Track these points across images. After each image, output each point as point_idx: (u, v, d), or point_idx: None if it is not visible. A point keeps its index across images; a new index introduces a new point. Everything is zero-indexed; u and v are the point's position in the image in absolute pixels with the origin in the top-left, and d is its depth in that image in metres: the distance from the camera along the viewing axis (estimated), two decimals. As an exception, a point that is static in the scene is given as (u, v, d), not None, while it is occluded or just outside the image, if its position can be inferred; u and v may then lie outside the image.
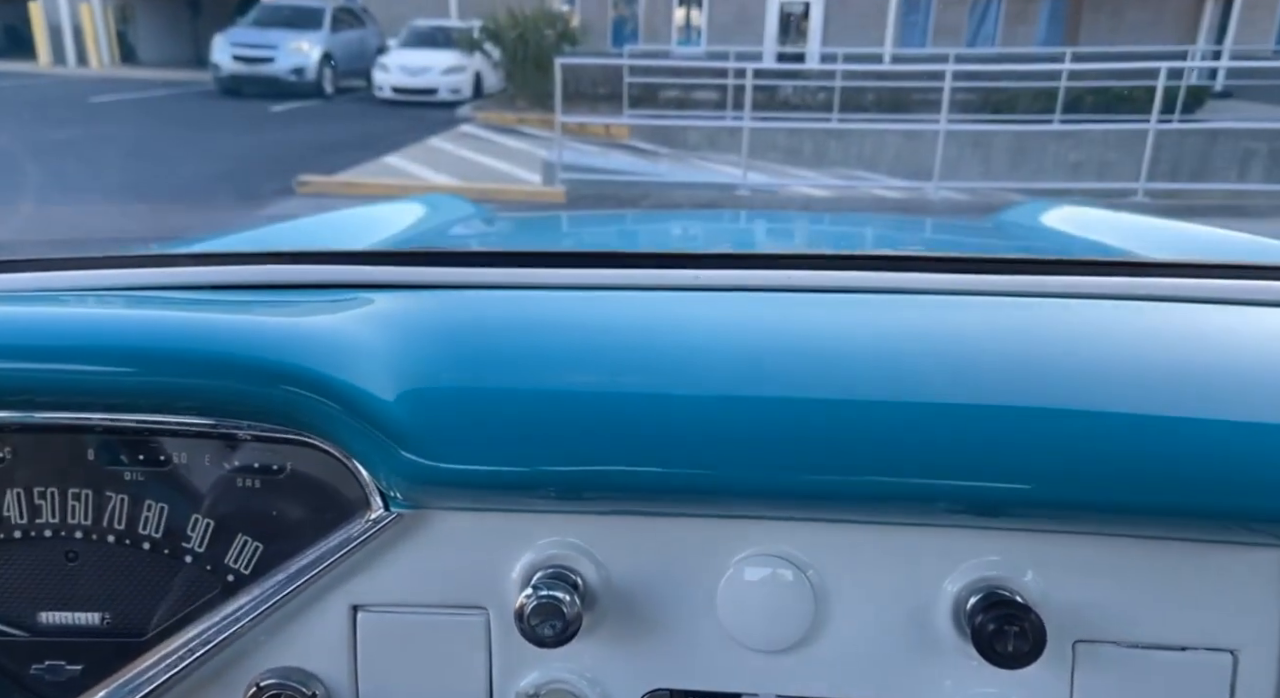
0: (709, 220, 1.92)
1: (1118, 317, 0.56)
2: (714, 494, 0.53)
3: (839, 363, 0.54)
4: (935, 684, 0.53)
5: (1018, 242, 1.44)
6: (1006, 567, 0.51)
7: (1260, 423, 0.46)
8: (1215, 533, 0.48)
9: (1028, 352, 0.53)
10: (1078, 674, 0.51)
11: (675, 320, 0.62)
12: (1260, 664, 0.49)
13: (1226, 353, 0.51)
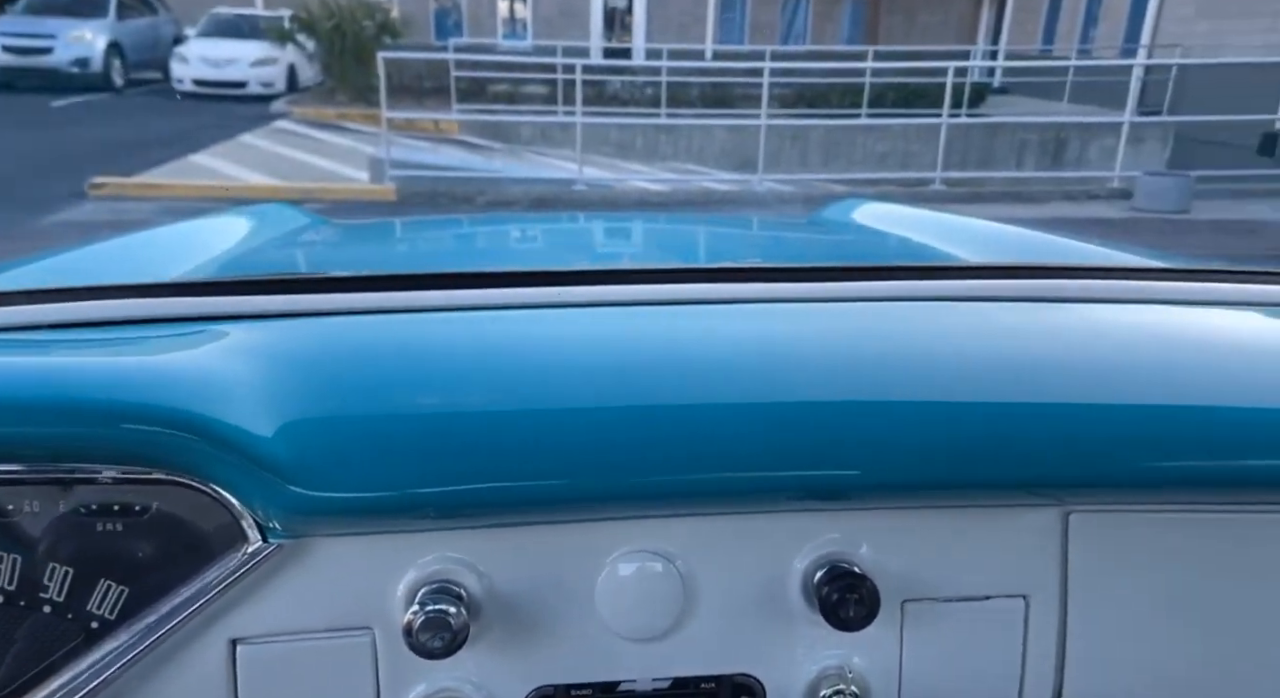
0: (552, 223, 1.96)
1: (928, 317, 0.65)
2: (584, 502, 0.57)
3: (690, 371, 0.59)
4: (790, 652, 0.60)
5: (839, 239, 1.57)
6: (845, 542, 0.59)
7: (1038, 403, 0.55)
8: (1008, 499, 0.57)
9: (852, 352, 0.60)
10: (906, 629, 0.59)
11: (536, 337, 0.65)
12: (1047, 605, 0.59)
13: (1013, 346, 0.61)
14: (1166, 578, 0.59)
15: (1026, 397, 0.55)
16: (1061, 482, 0.55)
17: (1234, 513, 0.58)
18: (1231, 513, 0.58)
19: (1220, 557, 0.59)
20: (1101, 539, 0.58)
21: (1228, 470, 0.54)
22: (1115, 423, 0.54)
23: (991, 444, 0.54)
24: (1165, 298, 0.66)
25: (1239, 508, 0.58)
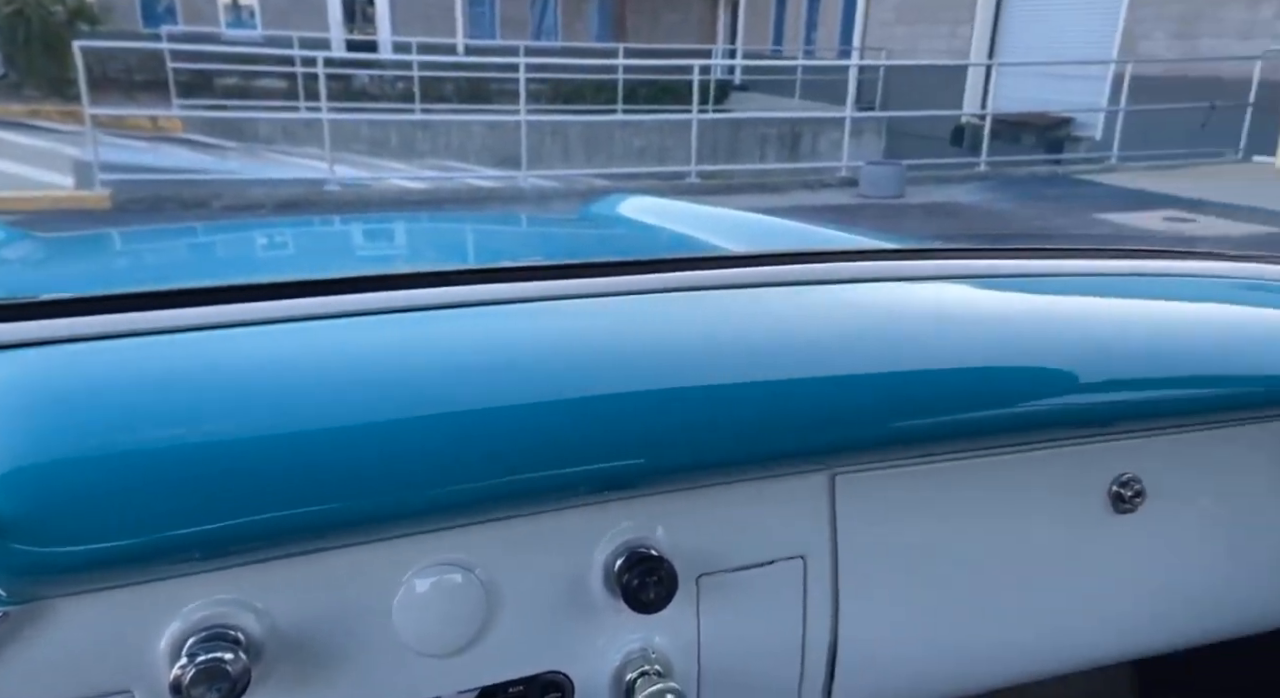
0: (304, 227, 1.82)
1: (699, 305, 0.68)
2: (368, 522, 0.54)
3: (468, 376, 0.57)
4: (595, 642, 0.61)
5: (609, 234, 1.60)
6: (641, 528, 0.60)
7: (802, 379, 0.60)
8: (781, 469, 0.62)
9: (630, 344, 0.62)
10: (701, 603, 0.62)
11: (299, 352, 0.60)
12: (822, 563, 0.65)
13: (777, 328, 0.65)
14: (923, 526, 0.67)
15: (792, 374, 0.59)
16: (826, 448, 0.60)
17: (973, 459, 0.66)
18: (971, 459, 0.66)
19: (967, 501, 0.67)
20: (864, 497, 0.65)
21: (964, 423, 0.61)
22: (868, 391, 0.59)
23: (765, 421, 0.58)
24: (899, 275, 0.74)
25: (976, 454, 0.66)
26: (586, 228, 1.69)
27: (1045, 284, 0.75)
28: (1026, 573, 0.69)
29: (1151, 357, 0.64)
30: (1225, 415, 0.67)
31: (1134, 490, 0.68)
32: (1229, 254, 0.85)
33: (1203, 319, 0.69)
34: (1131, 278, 0.77)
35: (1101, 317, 0.68)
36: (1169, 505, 0.70)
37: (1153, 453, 0.69)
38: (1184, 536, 0.72)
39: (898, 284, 0.73)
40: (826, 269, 0.74)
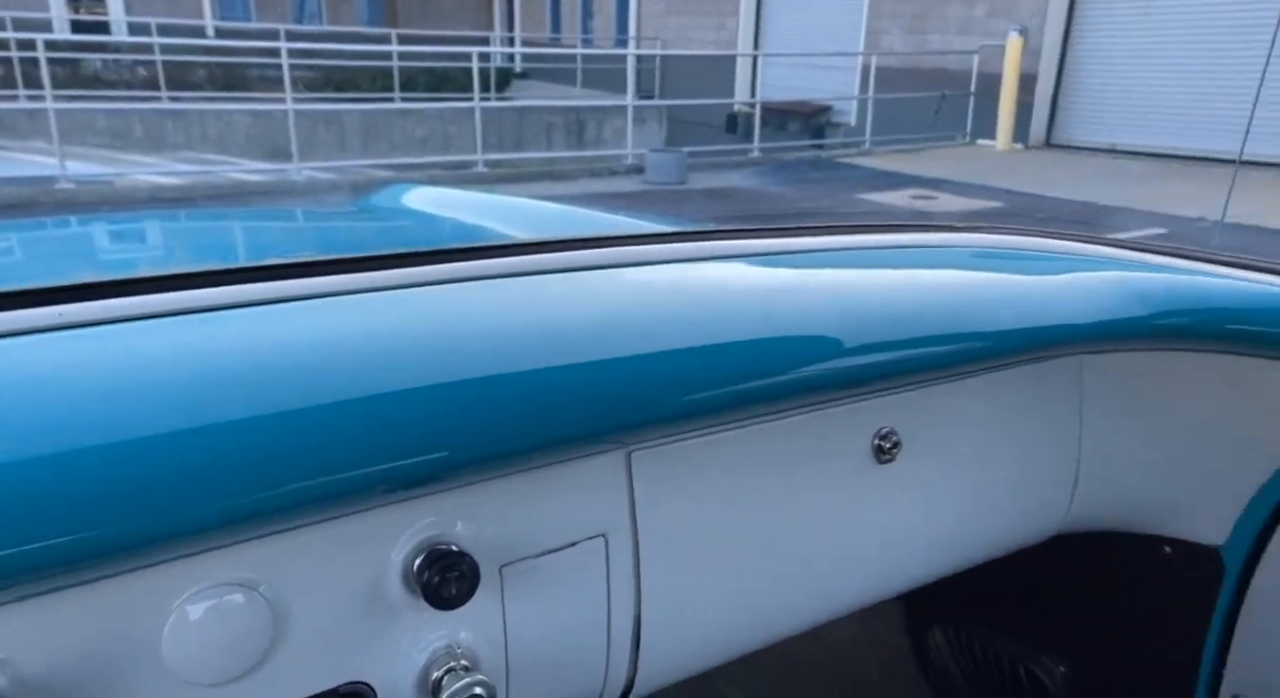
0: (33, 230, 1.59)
1: (489, 294, 0.67)
2: (119, 550, 0.48)
3: (238, 383, 0.53)
4: (395, 647, 0.59)
5: (391, 226, 1.54)
6: (440, 524, 0.59)
7: (593, 362, 0.61)
8: (576, 452, 0.63)
9: (420, 337, 0.60)
10: (506, 593, 0.62)
11: (36, 365, 0.53)
12: (623, 539, 0.67)
13: (566, 312, 0.65)
14: (714, 492, 0.71)
15: (580, 358, 0.60)
16: (618, 427, 0.61)
17: (754, 425, 0.71)
18: (753, 426, 0.71)
19: (752, 466, 0.72)
20: (658, 471, 0.67)
21: (744, 393, 0.65)
22: (655, 369, 0.62)
23: (556, 405, 0.58)
24: (680, 257, 0.77)
25: (756, 421, 0.71)
26: (367, 220, 1.62)
27: (810, 259, 0.81)
28: (807, 526, 0.75)
29: (901, 320, 0.71)
30: (963, 368, 0.77)
31: (892, 442, 0.76)
32: (960, 226, 0.97)
33: (941, 285, 0.78)
34: (882, 250, 0.85)
35: (858, 287, 0.75)
36: (921, 453, 0.79)
37: (905, 407, 0.77)
38: (935, 478, 0.82)
39: (678, 265, 0.76)
40: (610, 254, 0.76)
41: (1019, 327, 0.72)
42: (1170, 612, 0.94)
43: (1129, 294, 0.74)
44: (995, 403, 0.83)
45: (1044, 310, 0.74)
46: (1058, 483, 0.88)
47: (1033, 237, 0.90)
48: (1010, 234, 0.91)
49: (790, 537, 0.74)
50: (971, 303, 0.74)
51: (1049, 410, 0.85)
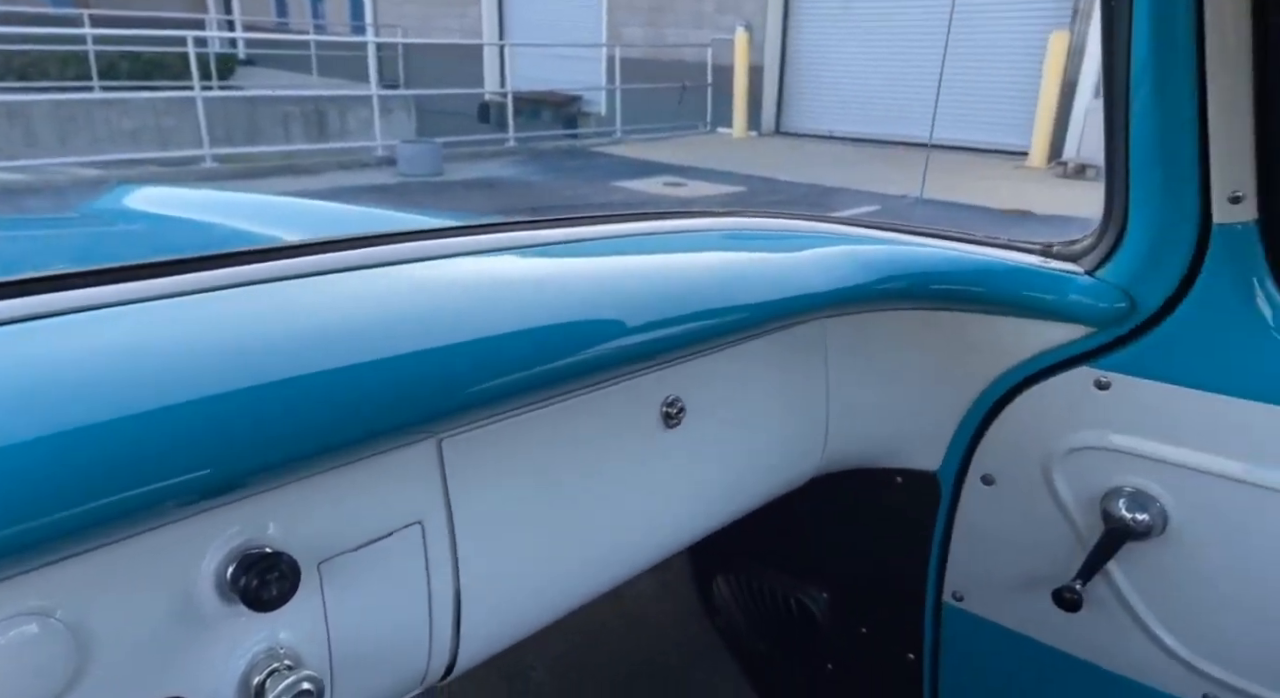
0: None
1: (265, 299, 0.65)
2: None
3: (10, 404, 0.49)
4: (212, 656, 0.57)
5: (129, 231, 1.39)
6: (249, 530, 0.57)
7: (395, 357, 0.61)
8: (386, 444, 0.63)
9: (215, 344, 0.57)
10: (327, 589, 0.62)
11: None
12: (438, 524, 0.68)
13: (360, 311, 0.65)
14: (523, 470, 0.74)
15: (375, 354, 0.60)
16: (429, 417, 0.63)
17: (554, 405, 0.75)
18: (553, 405, 0.75)
19: (555, 442, 0.76)
20: (469, 455, 0.70)
21: (540, 376, 0.69)
22: (454, 359, 0.64)
23: (367, 400, 0.59)
24: (461, 251, 0.79)
25: (555, 401, 0.75)
26: (96, 226, 1.45)
27: (588, 247, 0.87)
28: (608, 492, 0.81)
29: (672, 299, 0.78)
30: (730, 337, 0.86)
31: (678, 408, 0.84)
32: (717, 212, 1.07)
33: (705, 265, 0.86)
34: (651, 237, 0.93)
35: (633, 271, 0.82)
36: (703, 416, 0.88)
37: (686, 376, 0.86)
38: (716, 437, 0.91)
39: (466, 258, 0.78)
40: (396, 250, 0.76)
41: (772, 298, 0.83)
42: (903, 531, 1.11)
43: (858, 264, 0.87)
44: (759, 366, 0.94)
45: (791, 282, 0.85)
46: (813, 431, 1.01)
47: (777, 218, 1.02)
48: (759, 217, 1.03)
49: (593, 503, 0.80)
50: (731, 279, 0.83)
51: (802, 369, 0.98)
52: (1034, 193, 8.09)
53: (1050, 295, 0.89)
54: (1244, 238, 0.80)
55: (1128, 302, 0.86)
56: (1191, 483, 0.85)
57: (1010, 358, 0.95)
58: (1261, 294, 0.80)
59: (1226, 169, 0.78)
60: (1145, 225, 0.84)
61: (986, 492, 1.02)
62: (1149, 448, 0.87)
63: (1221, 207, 0.79)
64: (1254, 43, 0.75)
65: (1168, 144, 0.80)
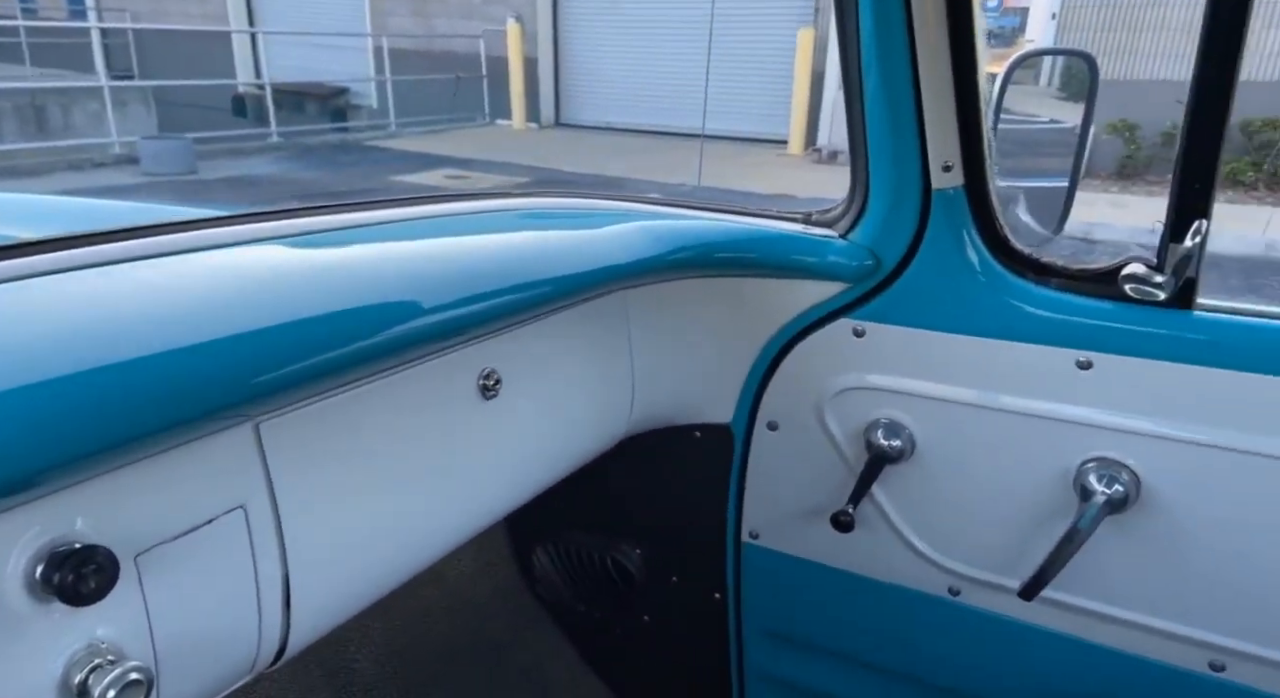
0: None
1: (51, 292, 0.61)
2: None
3: None
4: (25, 659, 0.54)
5: None
6: (57, 527, 0.54)
7: (195, 345, 0.60)
8: (198, 431, 0.62)
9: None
10: (147, 579, 0.60)
11: None
12: (262, 507, 0.68)
13: (136, 305, 0.62)
14: (345, 449, 0.75)
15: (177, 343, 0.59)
16: (241, 401, 0.62)
17: (371, 383, 0.76)
18: (370, 384, 0.76)
19: (375, 419, 0.77)
20: (289, 437, 0.69)
21: (349, 356, 0.69)
22: (261, 343, 0.63)
23: (171, 392, 0.57)
24: (247, 239, 0.77)
25: (371, 380, 0.76)
26: None
27: (387, 230, 0.88)
28: (430, 465, 0.83)
29: (478, 276, 0.81)
30: (538, 310, 0.90)
31: (494, 380, 0.88)
32: (516, 192, 1.11)
33: (509, 243, 0.90)
34: (454, 217, 0.95)
35: (439, 250, 0.84)
36: (519, 386, 0.92)
37: (500, 349, 0.89)
38: (531, 405, 0.95)
39: (256, 245, 0.76)
40: (178, 240, 0.73)
41: (573, 272, 0.88)
42: (704, 481, 1.22)
43: (650, 238, 0.95)
44: (568, 337, 0.99)
45: (591, 256, 0.91)
46: (620, 395, 1.09)
47: (575, 197, 1.08)
48: (558, 197, 1.08)
49: (418, 477, 0.82)
50: (535, 256, 0.88)
51: (607, 338, 1.05)
52: (794, 178, 8.80)
53: (812, 257, 1.02)
54: (955, 200, 0.96)
55: (874, 260, 1.00)
56: (932, 410, 1.01)
57: (784, 315, 1.08)
58: (970, 247, 0.97)
59: (939, 144, 0.94)
60: (882, 194, 0.99)
61: (772, 436, 1.14)
62: (898, 383, 1.02)
63: (937, 175, 0.95)
64: (951, 43, 0.91)
65: (894, 125, 0.95)
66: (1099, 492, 0.91)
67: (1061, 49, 9.17)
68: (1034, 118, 1.19)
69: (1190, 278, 0.84)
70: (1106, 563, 0.94)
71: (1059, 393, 0.92)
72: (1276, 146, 8.22)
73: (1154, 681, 0.97)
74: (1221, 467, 0.86)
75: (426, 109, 11.88)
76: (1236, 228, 6.87)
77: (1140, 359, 0.88)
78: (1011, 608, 1.02)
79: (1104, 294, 0.90)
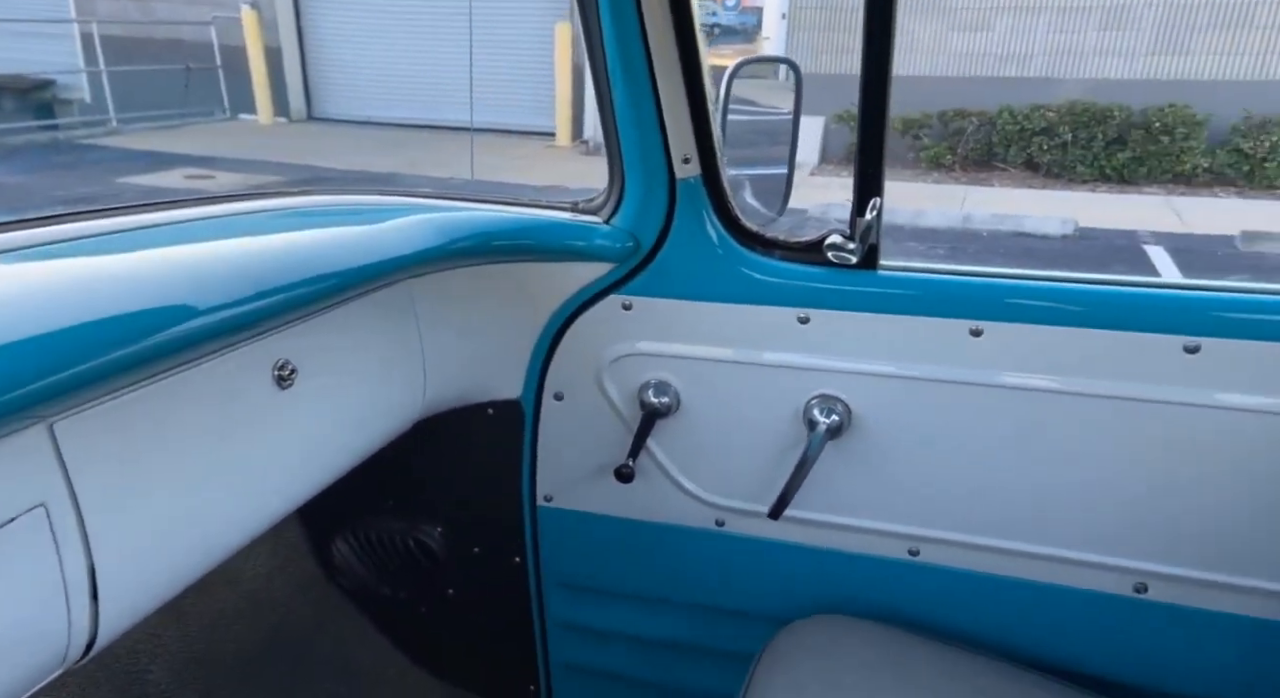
0: None
1: None
2: None
3: None
4: None
5: None
6: None
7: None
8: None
9: None
10: None
11: None
12: (62, 504, 0.68)
13: None
14: (146, 442, 0.76)
15: None
16: (33, 402, 0.63)
17: (165, 379, 0.77)
18: (164, 380, 0.77)
19: (173, 413, 0.78)
20: (84, 436, 0.70)
21: (136, 355, 0.68)
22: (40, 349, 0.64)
23: None
24: (33, 243, 0.76)
25: (164, 376, 0.77)
26: None
27: (165, 234, 0.88)
28: (229, 456, 0.84)
29: (262, 273, 0.84)
30: (326, 303, 0.94)
31: (290, 370, 0.91)
32: (294, 191, 1.13)
33: (292, 239, 0.93)
34: (231, 218, 0.96)
35: (219, 250, 0.86)
36: (314, 375, 0.96)
37: (294, 340, 0.92)
38: (327, 394, 0.99)
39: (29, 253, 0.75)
40: None
41: (361, 264, 0.94)
42: (498, 453, 1.31)
43: (432, 229, 1.02)
44: (358, 327, 1.04)
45: (375, 249, 0.97)
46: (412, 380, 1.15)
47: (355, 194, 1.13)
48: (337, 194, 1.12)
49: (218, 468, 0.84)
50: (320, 250, 0.92)
51: (396, 326, 1.11)
52: (564, 169, 9.01)
53: (582, 242, 1.14)
54: (695, 188, 1.12)
55: (634, 242, 1.15)
56: (691, 368, 1.18)
57: (560, 295, 1.20)
58: (710, 227, 1.14)
59: (678, 139, 1.10)
60: (635, 184, 1.14)
61: (559, 406, 1.26)
62: (662, 348, 1.18)
63: (679, 166, 1.11)
64: (679, 51, 1.06)
65: (639, 124, 1.09)
66: (821, 422, 1.11)
67: (772, 57, 10.02)
68: (776, 110, 1.38)
69: (873, 244, 1.06)
70: (832, 480, 1.16)
71: (786, 344, 1.12)
72: (966, 132, 9.62)
73: (865, 568, 1.19)
74: (909, 392, 1.09)
75: (154, 103, 10.75)
76: (940, 205, 7.99)
77: (843, 312, 1.09)
78: (765, 529, 1.22)
79: (814, 261, 1.10)
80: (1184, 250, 6.66)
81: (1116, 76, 9.43)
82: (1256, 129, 8.72)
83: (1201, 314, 0.97)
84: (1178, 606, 1.07)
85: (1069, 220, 7.57)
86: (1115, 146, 9.12)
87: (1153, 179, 9.03)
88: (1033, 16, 9.76)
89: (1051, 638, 1.13)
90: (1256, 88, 8.93)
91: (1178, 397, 0.99)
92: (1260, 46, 9.06)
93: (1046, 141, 9.32)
